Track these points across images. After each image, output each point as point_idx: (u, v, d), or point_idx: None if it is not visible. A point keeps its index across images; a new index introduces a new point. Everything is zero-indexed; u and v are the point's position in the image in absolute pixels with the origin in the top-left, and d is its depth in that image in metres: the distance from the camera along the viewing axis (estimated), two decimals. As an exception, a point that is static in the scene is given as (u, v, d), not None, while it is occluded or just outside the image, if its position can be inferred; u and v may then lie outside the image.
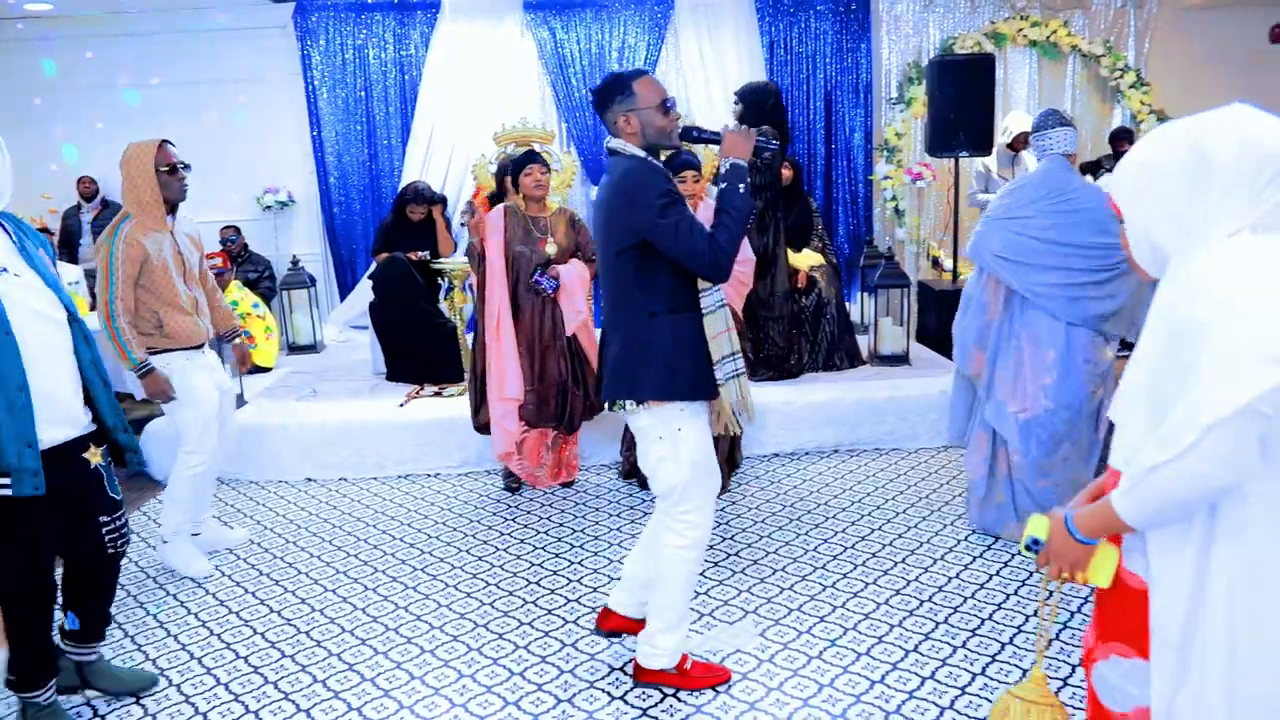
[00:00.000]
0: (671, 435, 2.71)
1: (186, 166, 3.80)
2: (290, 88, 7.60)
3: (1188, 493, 1.49)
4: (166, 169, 3.70)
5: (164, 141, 3.75)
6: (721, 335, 2.74)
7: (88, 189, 7.59)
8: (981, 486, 3.99)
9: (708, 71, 7.53)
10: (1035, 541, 1.74)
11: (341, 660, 3.18)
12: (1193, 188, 1.56)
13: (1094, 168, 7.32)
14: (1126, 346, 7.08)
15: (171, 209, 3.77)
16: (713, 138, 2.77)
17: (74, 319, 2.68)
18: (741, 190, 2.64)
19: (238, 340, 4.24)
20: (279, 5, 7.37)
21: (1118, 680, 1.74)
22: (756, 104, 5.34)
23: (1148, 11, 7.92)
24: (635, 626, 3.06)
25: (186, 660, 3.22)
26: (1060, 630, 3.21)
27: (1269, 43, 7.14)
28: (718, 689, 2.92)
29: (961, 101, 6.43)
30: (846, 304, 6.37)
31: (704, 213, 4.36)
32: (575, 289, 4.51)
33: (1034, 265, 3.67)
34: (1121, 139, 7.31)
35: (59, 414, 2.60)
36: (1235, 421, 1.42)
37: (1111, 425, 1.72)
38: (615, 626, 3.16)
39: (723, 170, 2.67)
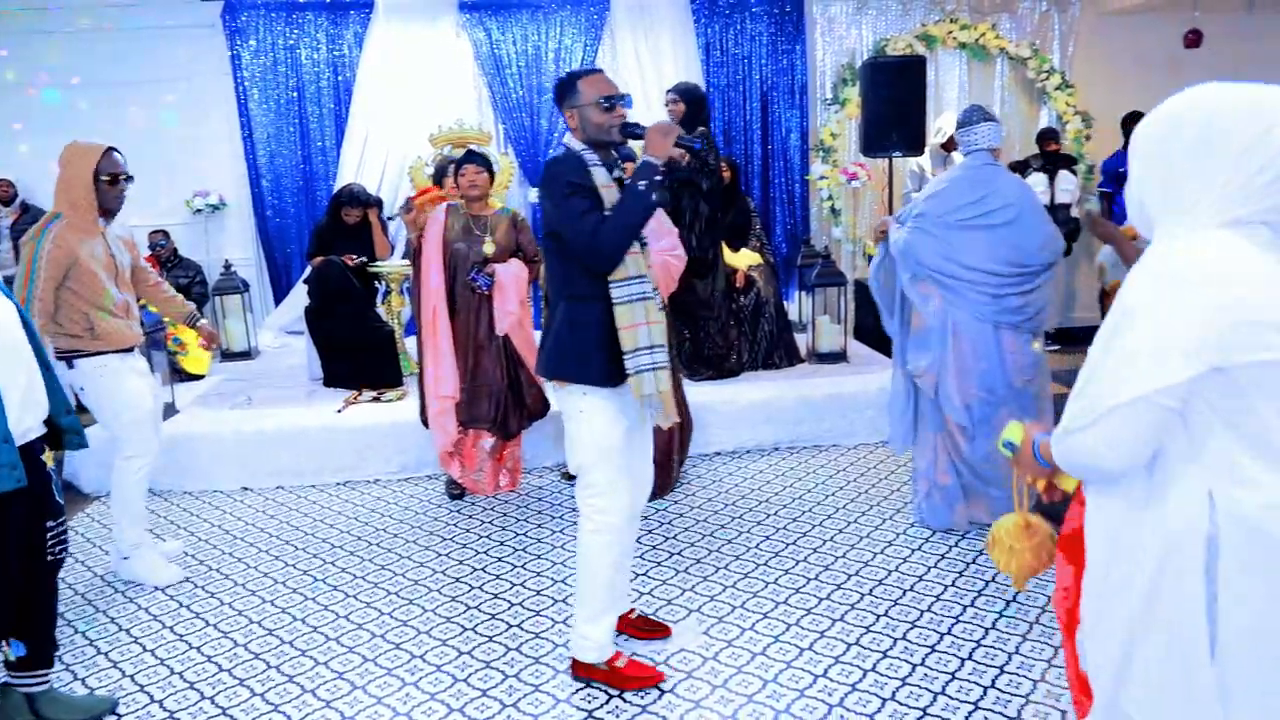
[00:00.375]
0: (576, 416, 2.83)
1: (129, 178, 3.71)
2: (220, 88, 7.43)
3: (1087, 463, 1.60)
4: (108, 178, 3.60)
5: (110, 149, 3.63)
6: (639, 327, 2.73)
7: (5, 193, 7.34)
8: (927, 483, 4.06)
9: (644, 73, 7.54)
10: (1009, 444, 1.92)
11: (281, 673, 3.12)
12: (1191, 162, 1.54)
13: (1022, 167, 7.49)
14: (1060, 339, 7.26)
15: (105, 215, 3.67)
16: (641, 134, 2.80)
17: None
18: (642, 187, 2.67)
19: (201, 321, 4.16)
20: (207, 4, 7.21)
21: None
22: (697, 103, 5.39)
23: (1071, 16, 8.14)
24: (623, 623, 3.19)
25: (119, 678, 3.13)
26: (1030, 628, 3.28)
27: (1184, 48, 7.38)
28: (658, 689, 2.93)
29: (894, 102, 6.54)
30: (785, 303, 6.44)
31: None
32: (509, 289, 4.49)
33: (958, 270, 3.75)
34: (1048, 139, 7.50)
35: (28, 401, 2.58)
36: (1133, 408, 1.49)
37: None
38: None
39: (636, 164, 2.71)
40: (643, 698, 2.89)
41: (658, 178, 2.69)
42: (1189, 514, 1.53)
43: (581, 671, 2.98)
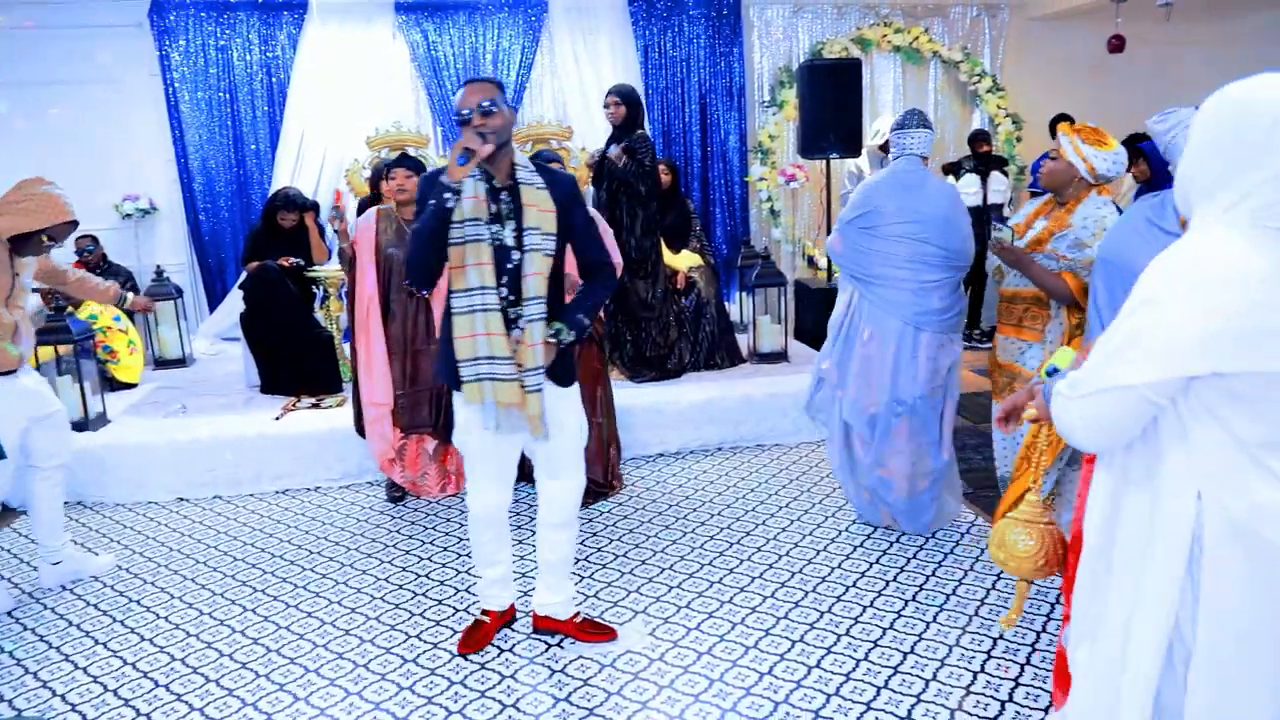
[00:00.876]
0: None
1: (58, 245, 3.72)
2: (148, 89, 7.25)
3: (1065, 430, 1.68)
4: (48, 239, 3.62)
5: (75, 223, 3.71)
6: (476, 338, 2.79)
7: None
8: (845, 480, 4.16)
9: (583, 75, 7.54)
10: (1055, 370, 1.90)
11: (220, 686, 3.06)
12: (1214, 148, 1.54)
13: (955, 168, 7.65)
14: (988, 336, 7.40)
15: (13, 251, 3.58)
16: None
17: None
18: (431, 205, 2.71)
19: (130, 298, 4.17)
20: (133, 2, 7.03)
21: None
22: (637, 105, 5.45)
23: (1001, 21, 8.33)
24: (558, 625, 3.27)
25: (49, 698, 3.05)
26: (1037, 638, 3.34)
27: (1108, 52, 7.61)
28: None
29: (831, 104, 6.63)
30: (726, 303, 6.49)
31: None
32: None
33: (879, 269, 3.83)
34: (980, 141, 7.66)
35: None
36: (1119, 394, 1.53)
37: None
38: (545, 627, 3.31)
39: (454, 185, 2.72)
40: (589, 700, 2.90)
41: (446, 196, 2.69)
42: (1176, 509, 1.56)
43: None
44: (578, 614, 3.28)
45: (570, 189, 2.92)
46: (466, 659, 3.17)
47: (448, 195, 2.69)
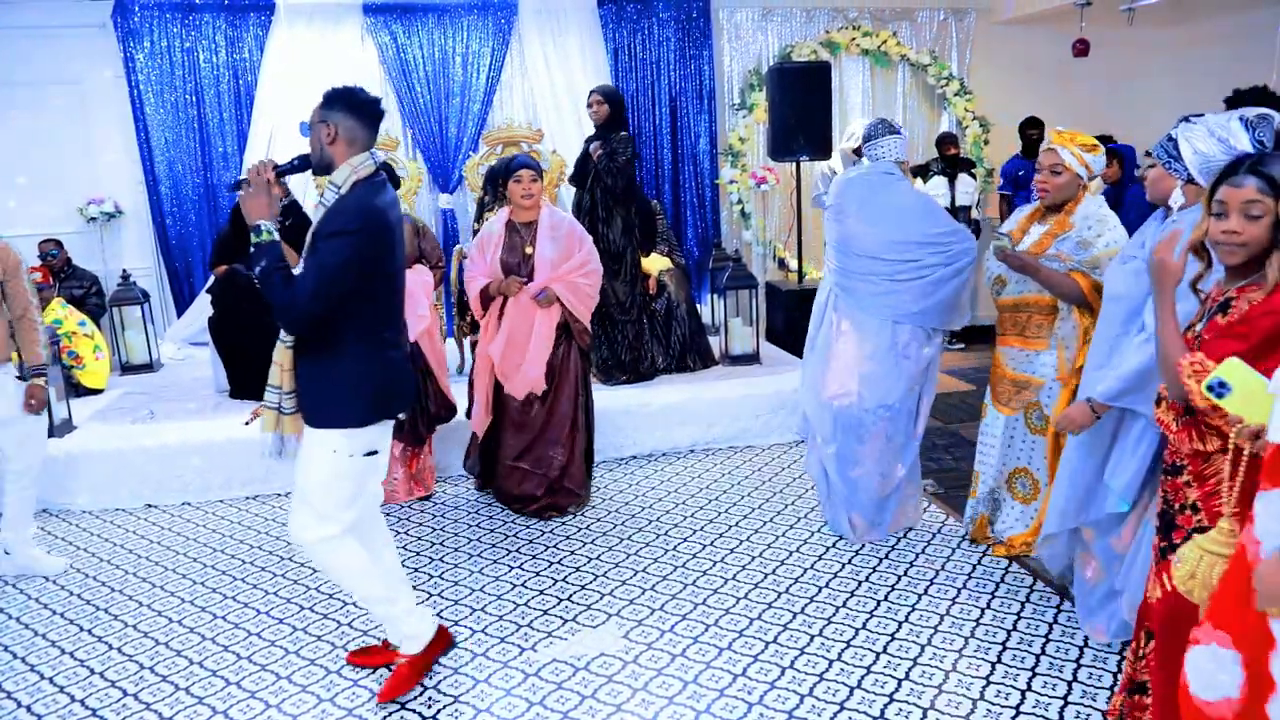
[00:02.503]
0: None
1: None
2: (113, 91, 7.14)
3: None
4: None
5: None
6: (274, 364, 2.83)
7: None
8: (821, 486, 4.17)
9: (553, 77, 7.52)
10: (1221, 384, 1.72)
11: (190, 694, 3.03)
12: None
13: (922, 171, 7.71)
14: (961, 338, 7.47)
15: None
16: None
17: None
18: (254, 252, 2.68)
19: (34, 381, 3.76)
20: (96, 2, 6.93)
21: (1213, 667, 1.72)
22: (621, 105, 5.51)
23: (968, 25, 8.41)
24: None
25: (14, 709, 3.00)
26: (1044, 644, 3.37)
27: (1073, 56, 7.71)
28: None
29: (800, 107, 6.67)
30: (697, 306, 6.51)
31: (547, 217, 4.41)
32: (418, 295, 4.44)
33: (854, 263, 3.87)
34: (947, 143, 7.72)
35: None
36: None
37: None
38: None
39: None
40: (563, 703, 2.90)
41: (265, 238, 2.66)
42: None
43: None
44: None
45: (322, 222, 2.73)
46: (439, 662, 3.15)
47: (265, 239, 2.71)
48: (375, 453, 2.88)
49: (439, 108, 7.41)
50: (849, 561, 3.84)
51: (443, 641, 3.13)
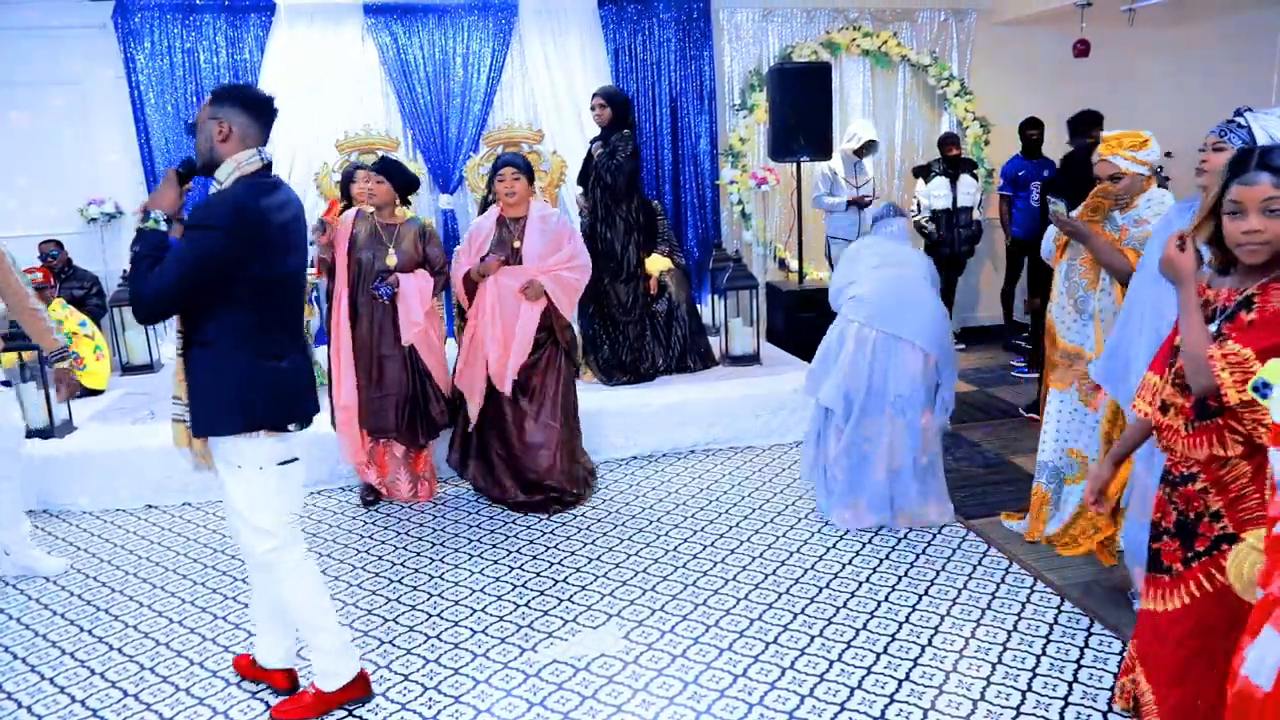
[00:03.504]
0: None
1: None
2: (113, 91, 7.13)
3: None
4: None
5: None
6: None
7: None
8: (820, 483, 4.27)
9: (553, 78, 7.52)
10: (1266, 383, 1.70)
11: (191, 695, 3.03)
12: None
13: (924, 172, 7.70)
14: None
15: None
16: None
17: None
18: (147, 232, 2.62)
19: (61, 363, 3.89)
20: (97, 3, 6.93)
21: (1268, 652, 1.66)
22: (624, 107, 5.48)
23: (968, 25, 8.41)
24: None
25: (14, 710, 3.00)
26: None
27: (1073, 57, 7.71)
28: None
29: (801, 107, 6.67)
30: (698, 306, 6.50)
31: (536, 211, 4.47)
32: (412, 299, 4.41)
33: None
34: (949, 144, 7.72)
35: None
36: None
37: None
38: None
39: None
40: (564, 704, 2.90)
41: (150, 225, 2.62)
42: None
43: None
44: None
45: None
46: (440, 663, 3.15)
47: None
48: (290, 461, 2.81)
49: (439, 108, 7.41)
50: (849, 562, 3.84)
51: (361, 688, 2.94)
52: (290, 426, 2.77)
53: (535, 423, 4.50)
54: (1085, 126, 6.31)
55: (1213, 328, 2.06)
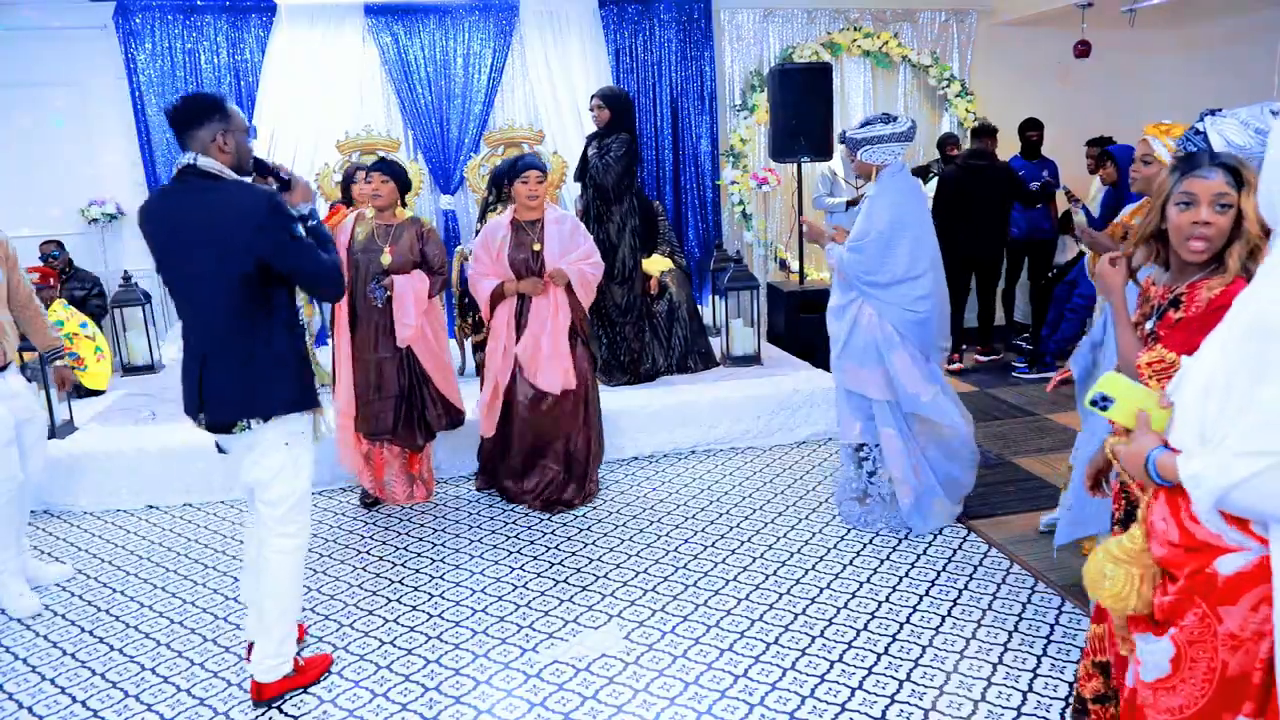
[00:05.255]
0: (296, 439, 2.90)
1: None
2: (114, 92, 7.14)
3: (1271, 510, 1.46)
4: None
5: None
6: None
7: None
8: (911, 489, 4.05)
9: (554, 79, 7.53)
10: (1104, 398, 1.73)
11: (192, 695, 3.03)
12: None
13: (923, 172, 7.70)
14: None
15: None
16: (278, 175, 2.96)
17: None
18: (325, 229, 2.94)
19: (58, 361, 3.95)
20: (98, 4, 6.94)
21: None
22: (623, 108, 5.46)
23: (969, 26, 8.41)
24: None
25: (15, 710, 3.00)
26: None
27: (1074, 57, 7.71)
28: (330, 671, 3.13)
29: (802, 108, 6.67)
30: (699, 307, 6.50)
31: (551, 214, 4.45)
32: (407, 300, 4.36)
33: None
34: (949, 144, 7.72)
35: None
36: None
37: None
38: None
39: (306, 212, 2.91)
40: (564, 704, 2.90)
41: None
42: None
43: (271, 691, 2.95)
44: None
45: None
46: (440, 664, 3.16)
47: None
48: (219, 449, 3.04)
49: (440, 109, 7.41)
50: (850, 563, 3.84)
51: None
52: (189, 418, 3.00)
53: (560, 420, 4.48)
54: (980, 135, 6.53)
55: (1149, 325, 2.13)
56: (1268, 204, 1.59)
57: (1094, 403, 1.74)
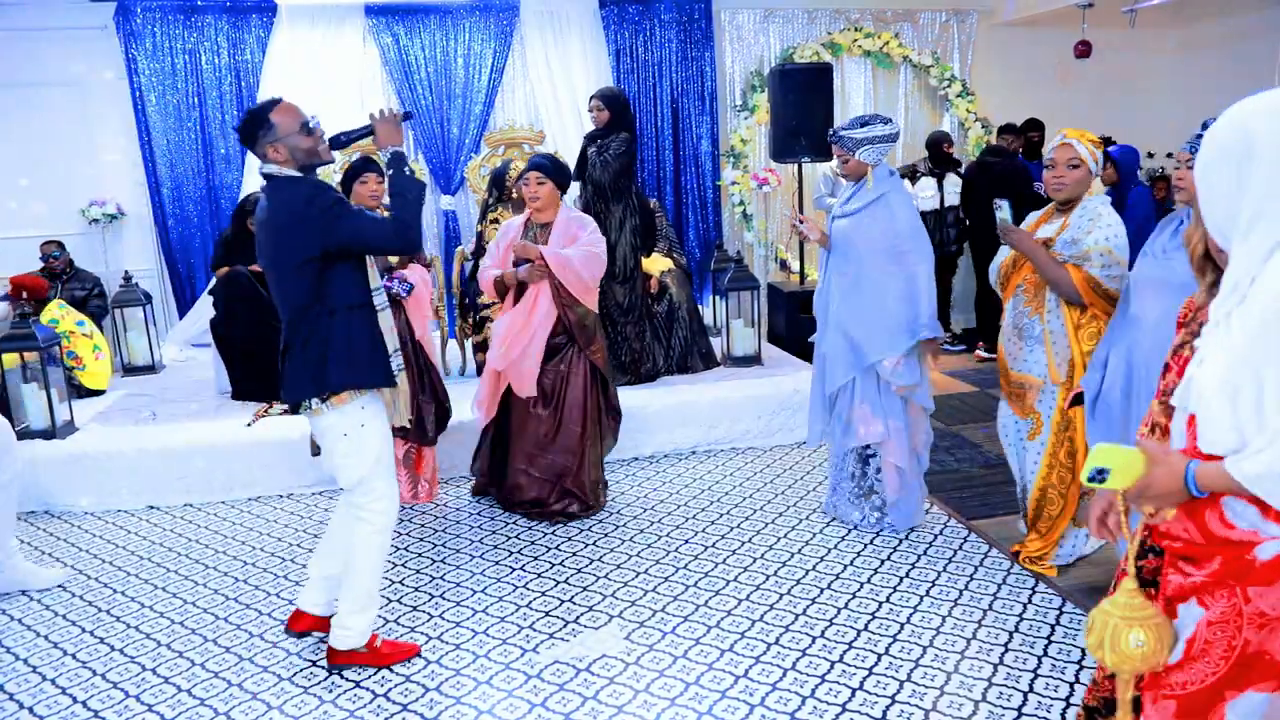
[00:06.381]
0: (356, 430, 2.97)
1: None
2: (114, 93, 7.15)
3: None
4: None
5: None
6: (391, 330, 3.04)
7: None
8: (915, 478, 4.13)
9: (554, 79, 7.53)
10: (1099, 471, 1.67)
11: (193, 695, 3.03)
12: (1235, 178, 1.52)
13: (910, 173, 7.66)
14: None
15: None
16: (363, 133, 3.07)
17: None
18: (407, 173, 2.96)
19: None
20: (98, 4, 6.94)
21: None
22: (622, 109, 5.45)
23: (969, 26, 8.41)
24: (326, 624, 3.26)
25: (16, 710, 3.00)
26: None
27: (1074, 58, 7.71)
28: (413, 660, 3.19)
29: (802, 108, 6.68)
30: (699, 307, 6.50)
31: (563, 214, 4.41)
32: (423, 292, 4.46)
33: None
34: (939, 142, 7.67)
35: None
36: None
37: None
38: (307, 626, 3.35)
39: (385, 158, 2.98)
40: (565, 705, 2.90)
41: (407, 161, 3.00)
42: None
43: (339, 659, 3.13)
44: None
45: None
46: (441, 664, 3.16)
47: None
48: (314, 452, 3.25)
49: (441, 109, 7.42)
50: (851, 563, 3.84)
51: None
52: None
53: (559, 430, 4.39)
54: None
55: (1196, 343, 2.05)
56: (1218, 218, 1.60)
57: (1091, 479, 1.68)
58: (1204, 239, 2.04)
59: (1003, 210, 3.41)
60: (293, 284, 2.90)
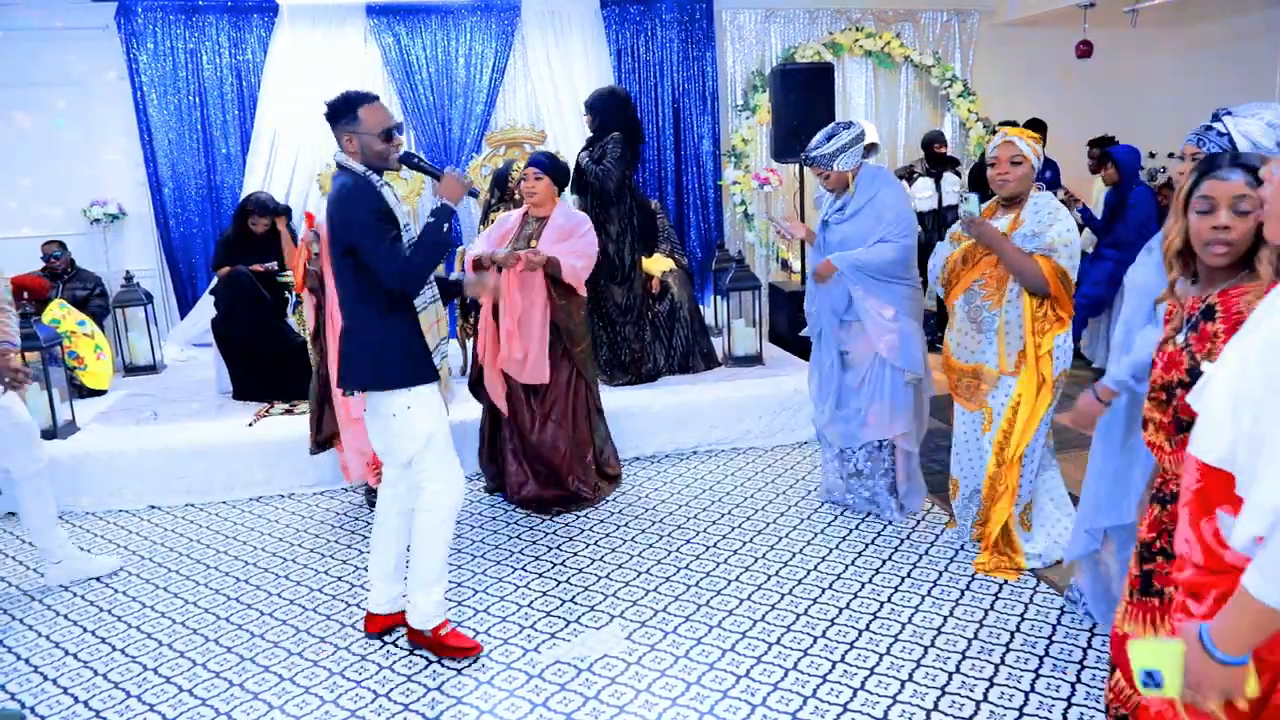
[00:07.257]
0: (403, 413, 3.05)
1: None
2: (116, 93, 7.16)
3: None
4: None
5: None
6: (433, 326, 3.12)
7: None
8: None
9: (556, 79, 7.54)
10: (1150, 675, 1.50)
11: (194, 695, 3.03)
12: None
13: (906, 173, 7.66)
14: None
15: None
16: (430, 170, 3.21)
17: None
18: (445, 230, 3.01)
19: (9, 355, 3.60)
20: (100, 4, 6.94)
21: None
22: (605, 110, 5.42)
23: (971, 26, 8.41)
24: (401, 619, 3.35)
25: (19, 710, 3.00)
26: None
27: (1075, 57, 7.71)
28: (476, 658, 3.19)
29: (803, 108, 6.67)
30: (700, 307, 6.50)
31: (560, 210, 4.43)
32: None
33: None
34: (932, 142, 7.67)
35: None
36: None
37: None
38: (381, 626, 3.38)
39: (436, 206, 3.04)
40: (566, 704, 2.90)
41: (452, 221, 3.07)
42: None
43: (414, 636, 3.25)
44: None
45: None
46: (443, 664, 3.16)
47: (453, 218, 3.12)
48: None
49: (442, 109, 7.42)
50: (852, 563, 3.84)
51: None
52: None
53: (546, 424, 4.48)
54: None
55: (1180, 338, 2.04)
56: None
57: (1144, 685, 1.52)
58: (1181, 233, 2.06)
59: (970, 204, 3.46)
60: (339, 270, 3.03)
